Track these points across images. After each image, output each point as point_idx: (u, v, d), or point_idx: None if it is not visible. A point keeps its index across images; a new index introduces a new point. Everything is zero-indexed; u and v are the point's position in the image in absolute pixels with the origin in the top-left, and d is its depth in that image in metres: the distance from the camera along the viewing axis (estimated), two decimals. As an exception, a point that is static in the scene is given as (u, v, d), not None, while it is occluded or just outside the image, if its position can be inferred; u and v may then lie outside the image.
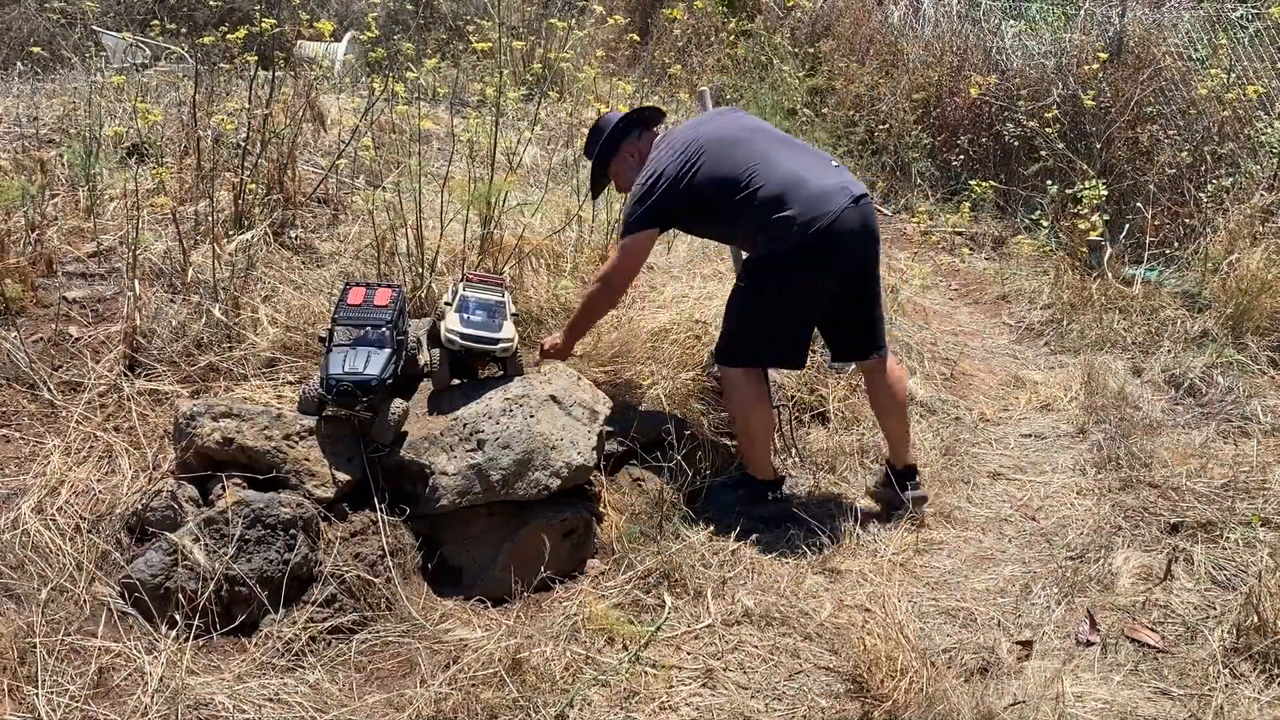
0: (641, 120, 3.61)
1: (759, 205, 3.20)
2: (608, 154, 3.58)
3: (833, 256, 3.22)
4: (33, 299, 3.42)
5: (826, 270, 3.25)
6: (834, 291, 3.33)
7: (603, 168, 3.63)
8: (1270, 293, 4.72)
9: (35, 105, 4.98)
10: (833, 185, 3.22)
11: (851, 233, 3.21)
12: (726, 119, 3.55)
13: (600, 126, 3.62)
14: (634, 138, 3.58)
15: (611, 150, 3.58)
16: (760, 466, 3.49)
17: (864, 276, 3.39)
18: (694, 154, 3.30)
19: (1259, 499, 3.51)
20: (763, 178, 3.22)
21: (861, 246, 3.29)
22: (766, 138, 3.41)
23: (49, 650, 2.38)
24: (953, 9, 7.88)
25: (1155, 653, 2.86)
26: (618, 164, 3.60)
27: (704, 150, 3.30)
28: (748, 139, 3.37)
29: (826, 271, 3.26)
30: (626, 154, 3.57)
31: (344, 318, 2.98)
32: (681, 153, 3.32)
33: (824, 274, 3.26)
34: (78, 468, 2.92)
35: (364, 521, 2.87)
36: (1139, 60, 6.31)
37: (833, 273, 3.27)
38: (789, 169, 3.24)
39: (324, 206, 4.42)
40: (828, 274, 3.27)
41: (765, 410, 3.50)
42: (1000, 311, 5.55)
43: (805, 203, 3.16)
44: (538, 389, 3.17)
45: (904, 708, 2.45)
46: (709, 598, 2.97)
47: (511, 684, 2.52)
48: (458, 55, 7.43)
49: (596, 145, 3.60)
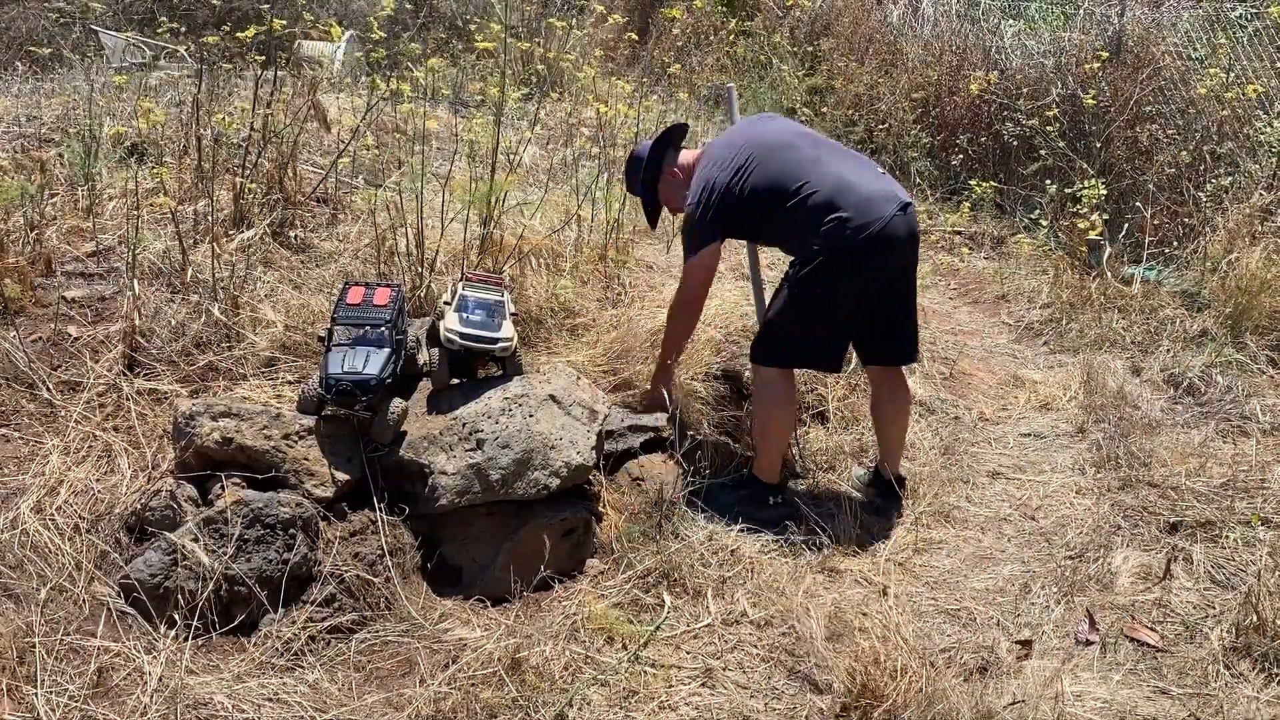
0: (671, 141, 3.62)
1: (810, 209, 3.20)
2: (652, 180, 3.59)
3: (880, 262, 3.23)
4: (32, 298, 3.42)
5: (873, 275, 3.27)
6: (876, 297, 3.34)
7: (652, 195, 3.63)
8: (1269, 292, 4.72)
9: (35, 105, 4.98)
10: (882, 192, 3.24)
11: (899, 239, 3.22)
12: (770, 126, 3.57)
13: (636, 157, 3.63)
14: (671, 159, 3.59)
15: (655, 175, 3.58)
16: (768, 468, 3.48)
17: (906, 283, 3.41)
18: (744, 161, 3.30)
19: (1258, 498, 3.51)
20: (814, 183, 3.22)
21: (907, 253, 3.32)
22: (813, 142, 3.42)
23: (48, 650, 2.38)
24: (952, 8, 7.87)
25: (1154, 652, 2.86)
26: (664, 188, 3.61)
27: (753, 157, 3.31)
28: (795, 144, 3.36)
29: (873, 276, 3.27)
30: (669, 176, 3.58)
31: (343, 317, 2.98)
32: (730, 161, 3.32)
33: (871, 279, 3.27)
34: (77, 467, 2.92)
35: (363, 521, 2.88)
36: (1138, 59, 6.31)
37: (879, 278, 3.29)
38: (838, 174, 3.25)
39: (324, 206, 4.42)
40: (874, 279, 3.28)
41: (790, 412, 3.51)
42: (999, 311, 5.55)
43: (856, 208, 3.17)
44: (537, 388, 3.17)
45: (903, 707, 2.45)
46: (708, 597, 2.97)
47: (511, 683, 2.52)
48: (458, 55, 7.43)
49: (638, 177, 3.61)
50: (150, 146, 4.52)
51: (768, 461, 3.47)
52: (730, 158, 3.34)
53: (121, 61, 6.40)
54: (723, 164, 3.34)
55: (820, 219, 3.19)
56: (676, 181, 3.56)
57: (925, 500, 3.61)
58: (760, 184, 3.28)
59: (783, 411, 3.44)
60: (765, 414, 3.45)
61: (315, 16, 7.35)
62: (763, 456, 3.48)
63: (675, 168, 3.57)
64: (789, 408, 3.48)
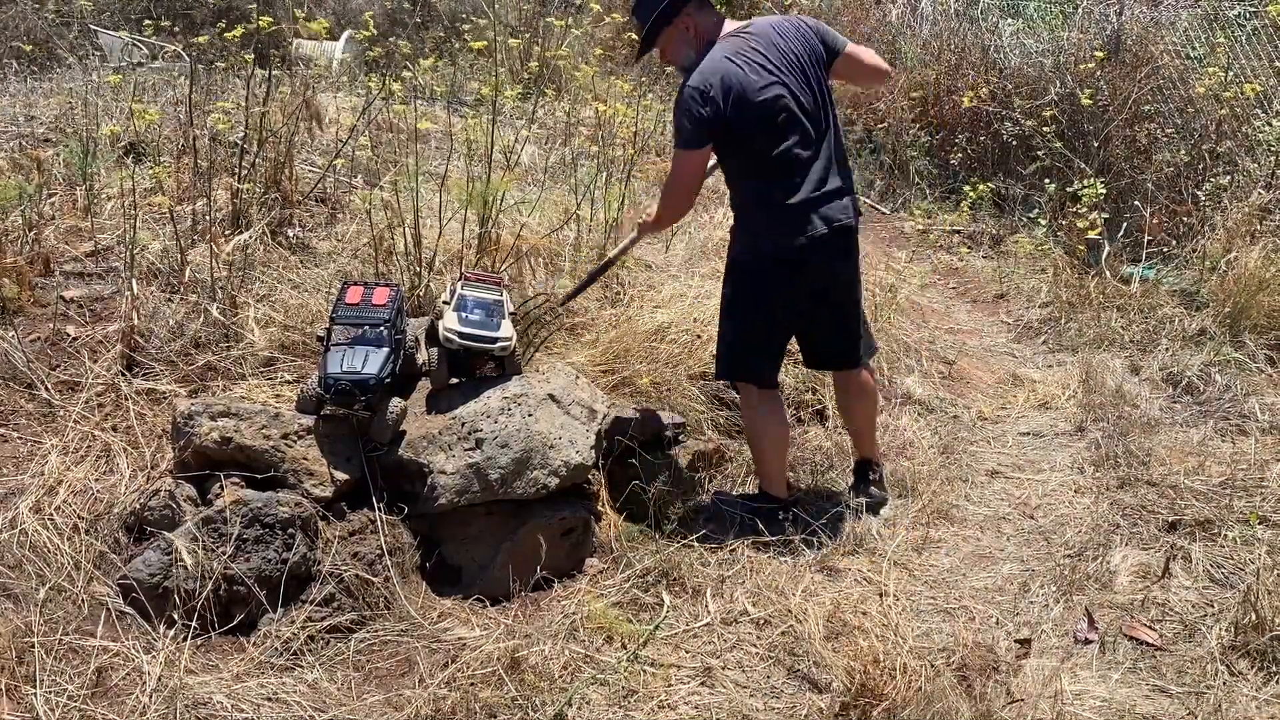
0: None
1: (761, 188, 3.15)
2: (663, 21, 3.17)
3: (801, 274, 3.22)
4: (30, 298, 3.42)
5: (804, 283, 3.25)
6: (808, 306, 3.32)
7: (656, 31, 3.21)
8: (1268, 291, 4.72)
9: (32, 104, 4.98)
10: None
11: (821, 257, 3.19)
12: (785, 63, 3.16)
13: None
14: (692, 9, 3.18)
15: (669, 17, 3.17)
16: (773, 482, 3.43)
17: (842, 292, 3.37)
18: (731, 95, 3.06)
19: (1257, 497, 3.51)
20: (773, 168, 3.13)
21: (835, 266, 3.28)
22: (801, 117, 3.15)
23: (47, 650, 2.37)
24: (950, 8, 7.87)
25: (1153, 651, 2.86)
26: (671, 31, 3.20)
27: (744, 97, 3.06)
28: (790, 114, 3.12)
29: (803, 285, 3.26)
30: (681, 23, 3.19)
31: (342, 317, 2.98)
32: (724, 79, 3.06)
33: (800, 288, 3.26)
34: (75, 467, 2.92)
35: (362, 521, 2.87)
36: (1137, 59, 6.30)
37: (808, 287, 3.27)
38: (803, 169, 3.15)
39: (321, 205, 4.42)
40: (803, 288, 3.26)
41: (775, 425, 3.41)
42: (998, 310, 5.55)
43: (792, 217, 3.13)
44: (536, 388, 3.17)
45: (902, 706, 2.45)
46: (708, 596, 2.97)
47: (510, 683, 2.52)
48: (455, 54, 7.43)
49: (656, 7, 3.16)
50: (148, 146, 4.52)
51: (770, 477, 3.43)
52: (724, 82, 3.06)
53: (119, 61, 6.39)
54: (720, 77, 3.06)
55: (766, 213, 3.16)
56: (685, 35, 3.20)
57: (924, 499, 3.61)
58: (740, 126, 3.08)
59: (765, 425, 3.40)
60: (748, 431, 3.48)
61: (308, 15, 7.34)
62: (762, 473, 3.46)
63: (692, 19, 3.18)
64: (771, 419, 3.40)
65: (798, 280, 3.22)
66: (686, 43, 3.20)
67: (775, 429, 3.40)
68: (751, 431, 3.48)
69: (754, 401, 3.38)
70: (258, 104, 4.23)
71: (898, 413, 4.14)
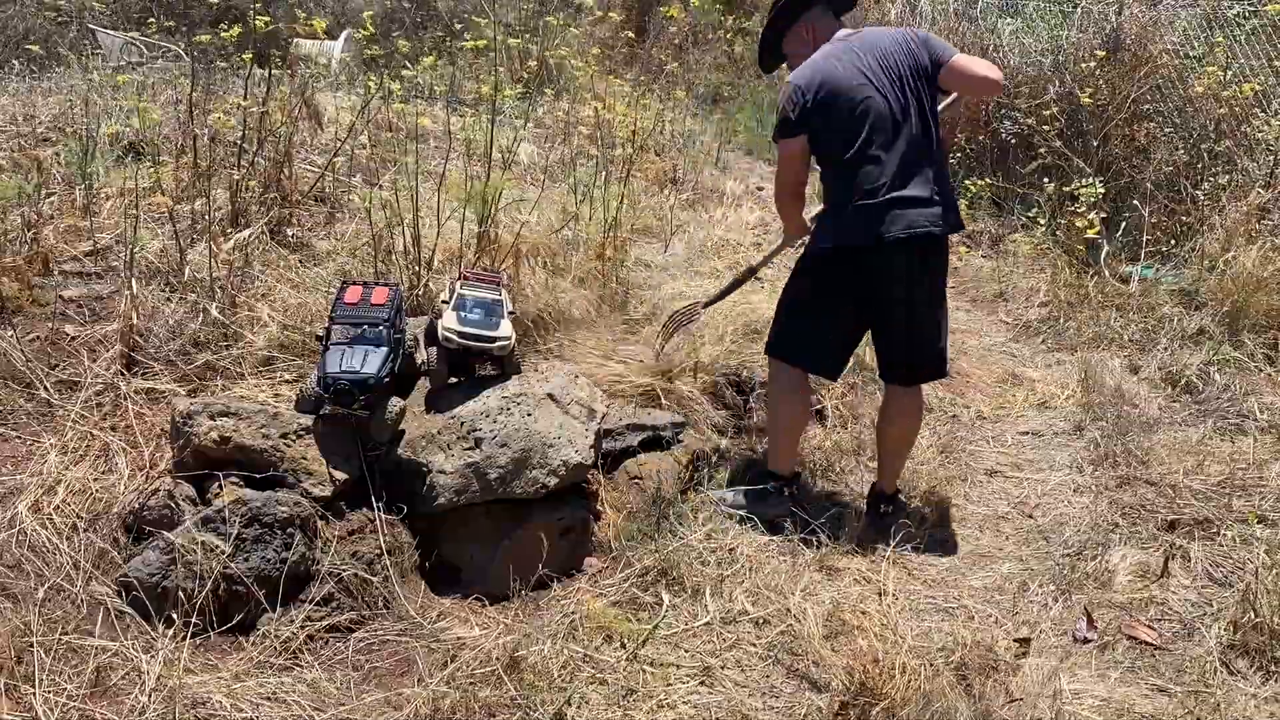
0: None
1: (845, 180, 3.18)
2: (785, 23, 3.37)
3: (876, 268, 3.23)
4: (29, 298, 3.42)
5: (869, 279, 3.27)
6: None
7: (779, 35, 3.41)
8: (1266, 290, 4.72)
9: (32, 104, 4.97)
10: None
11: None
12: (882, 68, 3.20)
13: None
14: (814, 15, 3.34)
15: (794, 17, 3.36)
16: (778, 458, 3.49)
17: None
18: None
19: (1256, 496, 3.51)
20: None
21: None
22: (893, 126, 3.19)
23: (46, 649, 2.37)
24: (950, 6, 7.87)
25: (1152, 650, 2.87)
26: (792, 36, 3.39)
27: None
28: (877, 117, 3.15)
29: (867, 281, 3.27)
30: (801, 28, 3.36)
31: (341, 316, 2.98)
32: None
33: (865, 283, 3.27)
34: (74, 467, 2.91)
35: (361, 520, 2.87)
36: (1136, 58, 6.30)
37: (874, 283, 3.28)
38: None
39: (321, 205, 4.42)
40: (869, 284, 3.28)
41: (795, 404, 3.47)
42: (997, 309, 5.55)
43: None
44: (535, 387, 3.17)
45: (901, 705, 2.45)
46: (707, 596, 2.97)
47: (509, 682, 2.52)
48: (454, 53, 7.43)
49: (782, 10, 3.37)
50: (147, 145, 4.52)
51: (778, 450, 3.49)
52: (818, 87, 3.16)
53: (119, 60, 6.39)
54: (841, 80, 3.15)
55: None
56: (804, 39, 3.35)
57: (923, 499, 3.61)
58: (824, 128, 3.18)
59: (777, 410, 3.47)
60: (769, 410, 3.50)
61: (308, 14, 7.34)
62: (771, 446, 3.53)
63: (811, 25, 3.34)
64: (784, 404, 3.46)
65: (860, 279, 3.22)
66: (804, 44, 3.34)
67: (793, 407, 3.46)
68: (770, 407, 3.52)
69: (780, 377, 3.42)
70: (257, 103, 4.22)
71: (897, 412, 4.14)
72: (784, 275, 3.61)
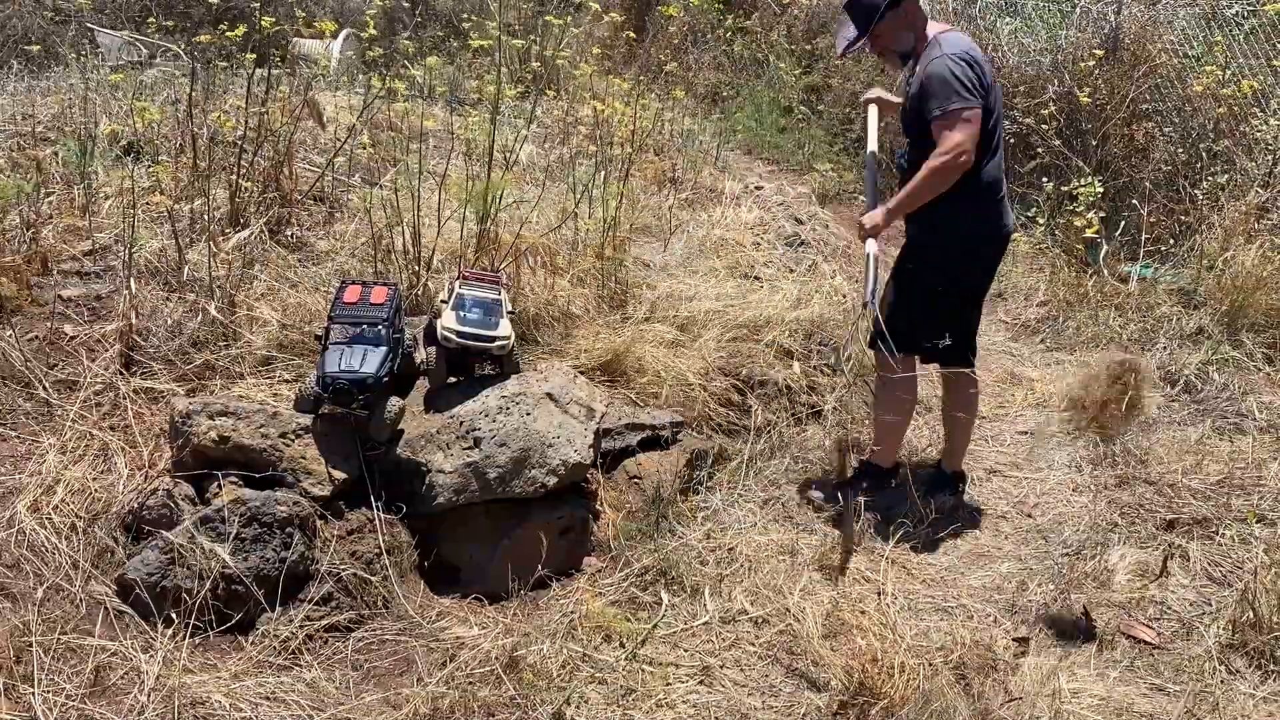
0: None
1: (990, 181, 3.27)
2: (892, 5, 3.21)
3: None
4: (28, 297, 3.42)
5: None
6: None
7: (874, 17, 3.24)
8: (1265, 289, 4.72)
9: (31, 103, 4.96)
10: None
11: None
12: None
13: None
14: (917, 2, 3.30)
15: (897, 3, 3.23)
16: (888, 454, 3.64)
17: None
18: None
19: (1254, 495, 3.51)
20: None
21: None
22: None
23: (45, 649, 2.37)
24: (949, 6, 7.87)
25: (1151, 649, 2.87)
26: (890, 23, 3.25)
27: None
28: (1000, 114, 3.38)
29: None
30: (905, 9, 3.26)
31: (340, 316, 2.98)
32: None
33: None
34: (73, 466, 2.91)
35: (360, 519, 2.87)
36: (1135, 57, 6.30)
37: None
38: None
39: (320, 204, 4.41)
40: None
41: (912, 399, 3.62)
42: (997, 309, 5.55)
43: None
44: (534, 387, 3.17)
45: (900, 705, 2.45)
46: (706, 595, 2.97)
47: (508, 682, 2.52)
48: (454, 53, 7.43)
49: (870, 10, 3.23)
50: (146, 145, 4.52)
51: (886, 449, 3.61)
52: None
53: (118, 60, 6.39)
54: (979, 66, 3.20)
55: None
56: (906, 22, 3.27)
57: (922, 498, 3.61)
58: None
59: (909, 401, 3.57)
60: (894, 404, 3.52)
61: (309, 14, 7.34)
62: (883, 445, 3.62)
63: (915, 6, 3.28)
64: (914, 395, 3.60)
65: (978, 267, 3.40)
66: (907, 28, 3.30)
67: (910, 398, 3.56)
68: (893, 404, 3.53)
69: (903, 370, 3.43)
70: (257, 103, 4.22)
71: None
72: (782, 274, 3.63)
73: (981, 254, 3.39)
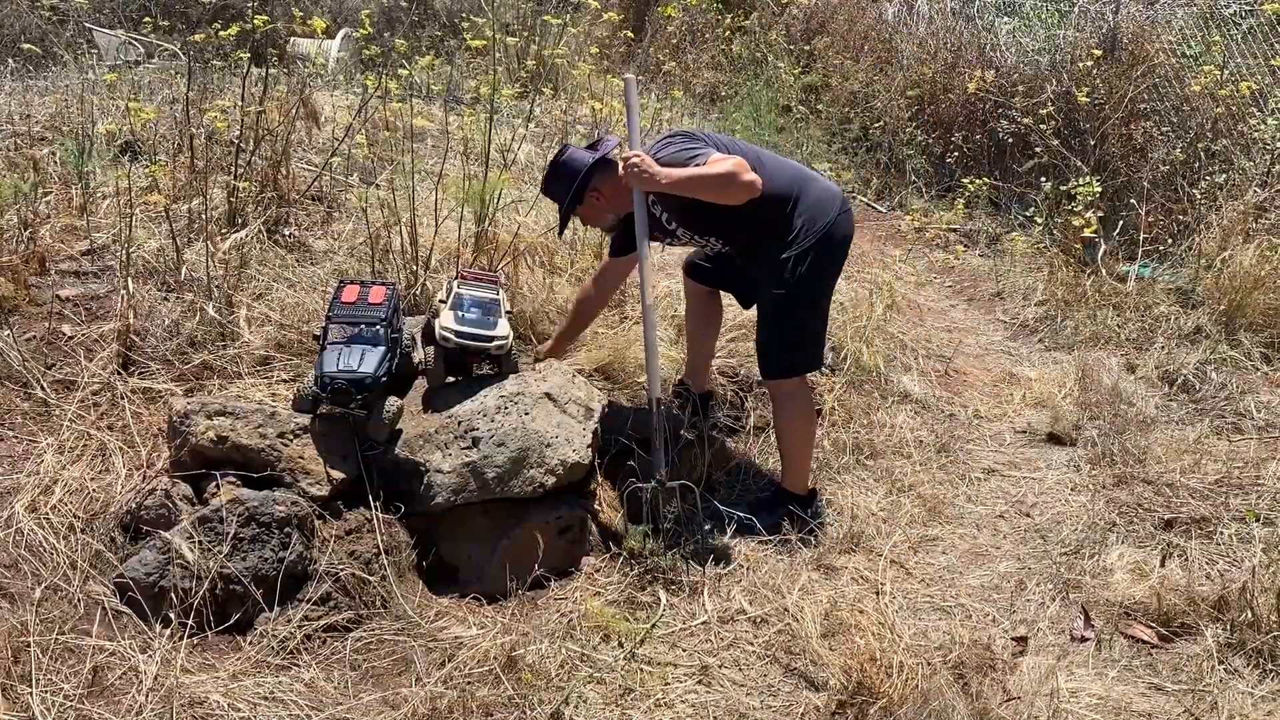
0: (608, 159, 3.33)
1: (779, 203, 3.21)
2: (581, 194, 3.28)
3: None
4: (26, 297, 3.41)
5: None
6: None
7: (574, 207, 3.34)
8: (1263, 289, 4.73)
9: (28, 103, 4.96)
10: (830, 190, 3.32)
11: (848, 238, 3.32)
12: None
13: (568, 168, 3.27)
14: (596, 180, 3.28)
15: (579, 198, 3.29)
16: (802, 480, 3.46)
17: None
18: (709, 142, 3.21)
19: (1253, 495, 3.52)
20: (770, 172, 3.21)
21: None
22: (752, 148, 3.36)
23: (43, 649, 2.37)
24: (947, 6, 7.88)
25: (1150, 648, 2.87)
26: (586, 208, 3.36)
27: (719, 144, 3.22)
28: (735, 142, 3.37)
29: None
30: (592, 198, 3.30)
31: (338, 315, 2.98)
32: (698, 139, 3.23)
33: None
34: (71, 466, 2.91)
35: (359, 519, 2.87)
36: (1133, 57, 6.31)
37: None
38: (795, 169, 3.34)
39: (318, 204, 4.41)
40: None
41: (814, 420, 3.57)
42: (995, 308, 5.55)
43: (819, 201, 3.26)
44: (533, 386, 3.17)
45: (899, 704, 2.45)
46: (704, 595, 2.97)
47: (507, 682, 2.52)
48: (452, 52, 7.42)
49: (570, 186, 3.26)
50: (144, 145, 4.51)
51: (802, 475, 3.45)
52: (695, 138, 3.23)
53: (115, 59, 6.38)
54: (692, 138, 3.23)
55: (794, 210, 3.22)
56: (599, 204, 3.32)
57: (921, 497, 3.61)
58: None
59: (811, 422, 3.49)
60: (801, 427, 3.41)
61: (305, 13, 7.33)
62: (798, 470, 3.45)
63: (598, 188, 3.29)
64: (813, 416, 3.52)
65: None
66: (602, 210, 3.35)
67: (813, 420, 3.53)
68: (801, 429, 3.42)
69: (805, 393, 3.43)
70: (254, 102, 4.22)
71: (894, 411, 4.14)
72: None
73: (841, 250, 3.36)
